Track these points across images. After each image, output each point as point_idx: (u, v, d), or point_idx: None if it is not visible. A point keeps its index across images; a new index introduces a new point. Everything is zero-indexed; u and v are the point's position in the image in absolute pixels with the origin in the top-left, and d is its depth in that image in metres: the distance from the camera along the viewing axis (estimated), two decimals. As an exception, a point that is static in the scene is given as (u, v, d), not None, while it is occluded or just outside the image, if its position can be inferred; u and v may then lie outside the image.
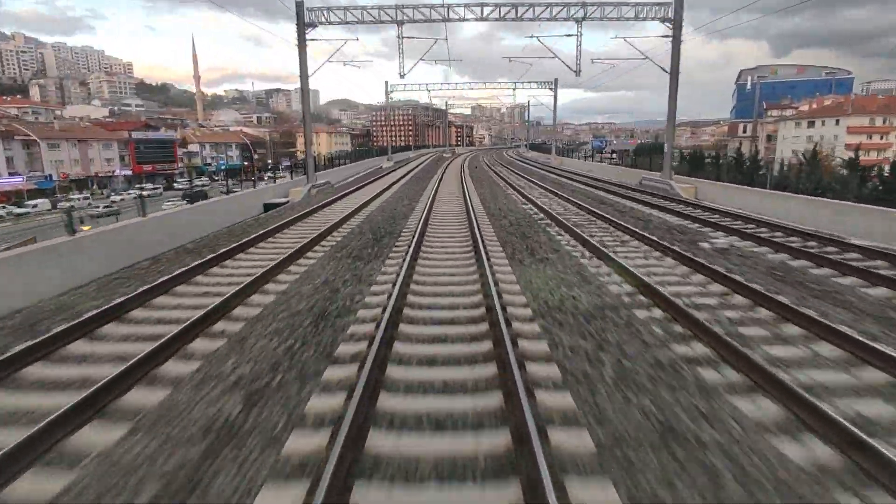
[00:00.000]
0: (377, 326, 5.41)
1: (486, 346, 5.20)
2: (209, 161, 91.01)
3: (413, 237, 10.66)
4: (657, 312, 6.21)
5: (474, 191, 22.86)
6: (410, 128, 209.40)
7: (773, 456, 3.47)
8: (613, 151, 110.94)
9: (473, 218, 12.99)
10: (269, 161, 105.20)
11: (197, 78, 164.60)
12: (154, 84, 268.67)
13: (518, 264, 8.71)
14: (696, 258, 8.47)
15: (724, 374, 4.62)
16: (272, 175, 32.76)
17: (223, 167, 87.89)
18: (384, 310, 5.89)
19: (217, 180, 79.29)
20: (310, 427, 3.82)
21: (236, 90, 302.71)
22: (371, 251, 9.97)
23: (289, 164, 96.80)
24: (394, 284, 6.98)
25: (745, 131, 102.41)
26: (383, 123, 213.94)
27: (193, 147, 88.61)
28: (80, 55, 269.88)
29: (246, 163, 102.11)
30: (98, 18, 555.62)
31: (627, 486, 3.17)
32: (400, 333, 5.54)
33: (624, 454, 3.48)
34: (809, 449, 3.54)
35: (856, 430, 3.46)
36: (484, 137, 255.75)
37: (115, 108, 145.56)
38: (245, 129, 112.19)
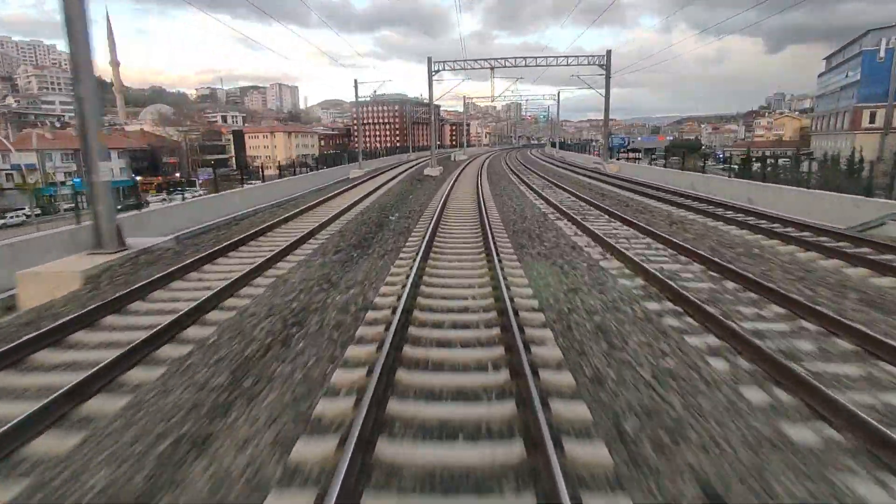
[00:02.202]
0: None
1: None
2: (63, 178, 55.43)
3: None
4: None
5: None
6: (397, 126, 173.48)
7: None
8: (635, 150, 73.08)
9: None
10: (179, 174, 69.83)
11: (115, 65, 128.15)
12: (110, 81, 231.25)
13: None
14: None
15: None
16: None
17: (78, 186, 52.34)
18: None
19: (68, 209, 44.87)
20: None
21: (208, 88, 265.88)
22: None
23: (210, 176, 61.85)
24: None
25: (872, 121, 68.37)
26: (365, 121, 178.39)
27: (27, 157, 52.87)
28: (27, 50, 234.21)
29: (139, 177, 66.76)
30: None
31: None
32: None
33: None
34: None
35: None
36: (482, 136, 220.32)
37: (15, 103, 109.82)
38: (147, 129, 76.41)
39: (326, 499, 2.50)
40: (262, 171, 34.85)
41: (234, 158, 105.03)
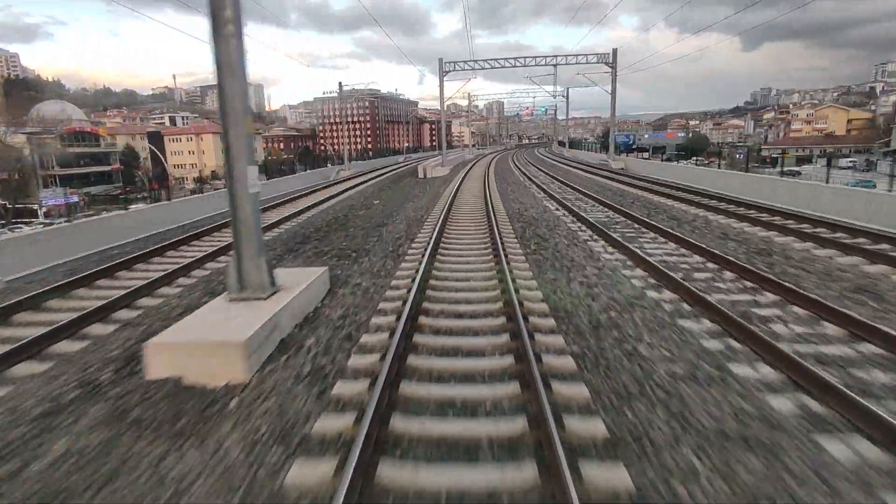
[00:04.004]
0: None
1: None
2: None
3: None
4: None
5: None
6: (368, 125, 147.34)
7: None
8: (642, 148, 58.13)
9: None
10: (-1, 199, 43.40)
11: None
12: (50, 80, 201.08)
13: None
14: None
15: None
16: None
17: None
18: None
19: None
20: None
21: (166, 87, 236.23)
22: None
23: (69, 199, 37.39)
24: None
25: None
26: (332, 121, 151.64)
27: None
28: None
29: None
30: (57, 24, 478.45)
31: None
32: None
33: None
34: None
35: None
36: (464, 136, 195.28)
37: None
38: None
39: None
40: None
41: (147, 168, 78.82)
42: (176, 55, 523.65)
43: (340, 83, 31.11)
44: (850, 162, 77.61)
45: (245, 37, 5.04)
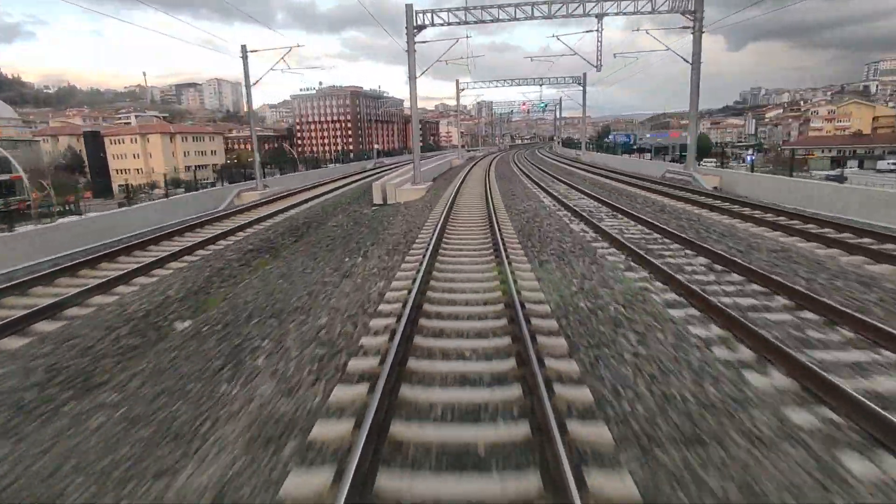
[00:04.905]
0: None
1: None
2: None
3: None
4: None
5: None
6: (349, 125, 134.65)
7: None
8: (643, 149, 55.74)
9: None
10: None
11: None
12: (10, 76, 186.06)
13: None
14: None
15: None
16: None
17: None
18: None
19: None
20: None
21: (137, 86, 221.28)
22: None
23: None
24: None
25: None
26: (310, 119, 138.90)
27: None
28: None
29: None
30: (38, 24, 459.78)
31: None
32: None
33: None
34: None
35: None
36: (452, 136, 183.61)
37: None
38: None
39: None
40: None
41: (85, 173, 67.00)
42: (159, 54, 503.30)
43: (244, 46, 19.53)
44: (891, 164, 67.22)
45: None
